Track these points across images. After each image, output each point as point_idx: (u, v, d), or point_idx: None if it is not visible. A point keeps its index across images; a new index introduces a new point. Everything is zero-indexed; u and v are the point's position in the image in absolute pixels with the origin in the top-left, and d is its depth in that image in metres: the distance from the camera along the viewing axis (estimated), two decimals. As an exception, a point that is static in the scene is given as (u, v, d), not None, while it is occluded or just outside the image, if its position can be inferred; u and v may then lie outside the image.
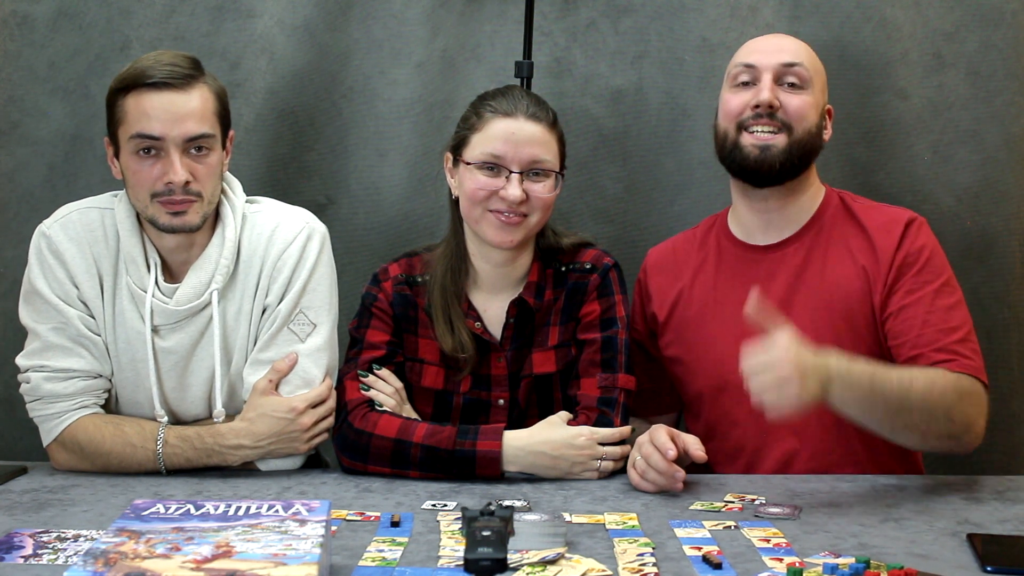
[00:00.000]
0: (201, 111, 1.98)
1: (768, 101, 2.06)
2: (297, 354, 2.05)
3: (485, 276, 2.15)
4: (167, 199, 1.97)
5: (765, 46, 2.14)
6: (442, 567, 1.52)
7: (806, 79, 2.09)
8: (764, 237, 2.14)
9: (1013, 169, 2.46)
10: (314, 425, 2.04)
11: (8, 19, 2.50)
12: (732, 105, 2.11)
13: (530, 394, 2.12)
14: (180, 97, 1.96)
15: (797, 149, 2.07)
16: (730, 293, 2.11)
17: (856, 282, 2.05)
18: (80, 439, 2.02)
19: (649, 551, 1.59)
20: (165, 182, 1.96)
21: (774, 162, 2.06)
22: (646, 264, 2.28)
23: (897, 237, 2.05)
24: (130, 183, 2.00)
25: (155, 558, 1.38)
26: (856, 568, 1.48)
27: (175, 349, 2.06)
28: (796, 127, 2.07)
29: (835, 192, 2.17)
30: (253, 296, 2.07)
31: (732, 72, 2.14)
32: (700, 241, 2.23)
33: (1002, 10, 2.44)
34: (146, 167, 1.96)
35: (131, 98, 1.96)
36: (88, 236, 2.06)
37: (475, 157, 2.06)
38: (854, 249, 2.07)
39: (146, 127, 1.94)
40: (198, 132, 1.97)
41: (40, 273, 2.05)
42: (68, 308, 2.03)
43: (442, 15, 2.53)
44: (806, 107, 2.08)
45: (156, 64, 1.97)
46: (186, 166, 1.96)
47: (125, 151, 1.98)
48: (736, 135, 2.09)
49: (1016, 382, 2.48)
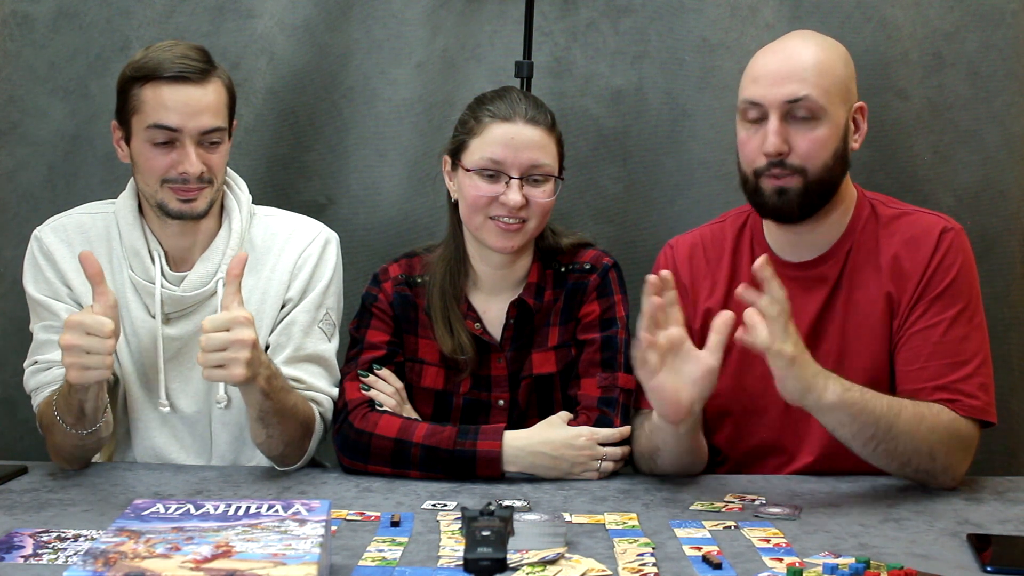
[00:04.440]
0: (216, 105, 2.03)
1: (775, 151, 1.94)
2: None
3: (485, 277, 2.15)
4: (179, 186, 2.02)
5: (771, 71, 1.98)
6: (442, 567, 1.52)
7: (817, 108, 1.94)
8: (795, 255, 2.06)
9: (1013, 169, 2.46)
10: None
11: (8, 19, 2.50)
12: (747, 150, 2.00)
13: (530, 395, 2.12)
14: (197, 91, 2.00)
15: (816, 187, 1.97)
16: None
17: (881, 309, 2.00)
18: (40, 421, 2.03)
19: (649, 551, 1.59)
20: (180, 172, 2.01)
21: (792, 207, 1.98)
22: (676, 257, 2.16)
23: (926, 255, 1.98)
24: (141, 168, 2.04)
25: (155, 558, 1.38)
26: (856, 568, 1.48)
27: (181, 336, 2.08)
28: (810, 168, 1.96)
29: (866, 199, 2.07)
30: (268, 289, 2.10)
31: (740, 105, 2.01)
32: (732, 246, 2.13)
33: (1002, 10, 2.44)
34: (160, 155, 2.01)
35: (149, 88, 1.99)
36: (80, 238, 2.10)
37: (474, 163, 2.05)
38: (883, 269, 2.00)
39: (163, 119, 1.99)
40: (213, 125, 2.02)
41: (30, 276, 2.09)
42: (56, 303, 2.06)
43: (442, 15, 2.53)
44: (819, 143, 1.95)
45: (172, 56, 2.01)
46: (200, 157, 2.01)
47: (138, 138, 2.02)
48: (755, 180, 2.00)
49: (1016, 382, 2.48)
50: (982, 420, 1.93)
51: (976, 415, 1.92)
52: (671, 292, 1.83)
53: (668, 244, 2.19)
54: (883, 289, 2.00)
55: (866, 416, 1.82)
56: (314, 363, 2.10)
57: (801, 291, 2.04)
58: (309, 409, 2.05)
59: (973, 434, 1.92)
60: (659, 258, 2.19)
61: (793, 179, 1.96)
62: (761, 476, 2.03)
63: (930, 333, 1.96)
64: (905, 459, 1.87)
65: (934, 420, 1.87)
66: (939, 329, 1.95)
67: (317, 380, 2.09)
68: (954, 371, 1.93)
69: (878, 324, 2.00)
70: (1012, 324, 2.47)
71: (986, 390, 1.94)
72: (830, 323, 2.03)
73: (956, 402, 1.91)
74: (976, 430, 1.93)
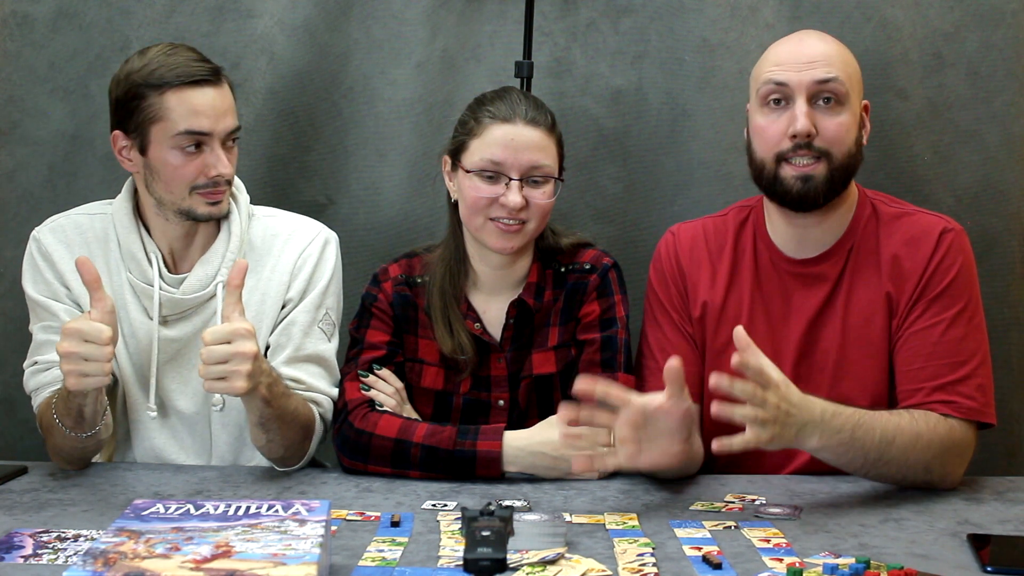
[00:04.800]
0: (233, 105, 2.06)
1: (806, 131, 1.94)
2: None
3: (484, 278, 2.15)
4: (209, 191, 2.02)
5: (795, 56, 1.98)
6: (442, 567, 1.52)
7: (843, 94, 1.96)
8: (797, 251, 2.06)
9: (1013, 169, 2.46)
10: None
11: (8, 19, 2.50)
12: (769, 134, 1.98)
13: (530, 395, 2.12)
14: (220, 93, 2.02)
15: (839, 174, 1.97)
16: (768, 305, 2.06)
17: (880, 309, 2.00)
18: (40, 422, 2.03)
19: (649, 551, 1.59)
20: (212, 176, 2.01)
21: (817, 194, 1.97)
22: (677, 244, 2.14)
23: (926, 255, 1.98)
24: (166, 177, 2.02)
25: (155, 558, 1.38)
26: (856, 568, 1.48)
27: (180, 337, 2.08)
28: (835, 152, 1.96)
29: (867, 198, 2.07)
30: (268, 290, 2.10)
31: (761, 89, 1.99)
32: (734, 240, 2.12)
33: (1002, 10, 2.44)
34: (189, 162, 2.00)
35: (172, 96, 1.97)
36: (79, 238, 2.10)
37: (474, 164, 2.05)
38: (883, 269, 2.00)
39: (195, 124, 1.98)
40: (236, 125, 2.05)
41: (29, 277, 2.09)
42: (55, 303, 2.06)
43: (442, 15, 2.53)
44: (844, 128, 1.96)
45: (183, 61, 2.00)
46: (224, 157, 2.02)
47: (162, 147, 2.00)
48: (775, 166, 1.98)
49: (1016, 382, 2.48)
50: (980, 422, 1.93)
51: (973, 417, 1.92)
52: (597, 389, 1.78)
53: (670, 231, 2.19)
54: (883, 289, 2.00)
55: (853, 452, 1.83)
56: (314, 363, 2.09)
57: (802, 287, 2.05)
58: (309, 412, 2.04)
59: (970, 437, 1.92)
60: (660, 244, 2.18)
61: (819, 165, 1.96)
62: (761, 476, 2.03)
63: (929, 333, 1.96)
64: (900, 477, 1.88)
65: (930, 436, 1.87)
66: (938, 330, 1.96)
67: (317, 381, 2.09)
68: (952, 372, 1.93)
69: (877, 324, 2.00)
70: (1012, 324, 2.46)
71: (984, 391, 1.94)
72: (829, 321, 2.03)
73: (953, 404, 1.91)
74: (973, 432, 1.93)
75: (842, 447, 1.82)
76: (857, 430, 1.81)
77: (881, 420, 1.84)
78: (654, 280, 2.16)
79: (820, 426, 1.78)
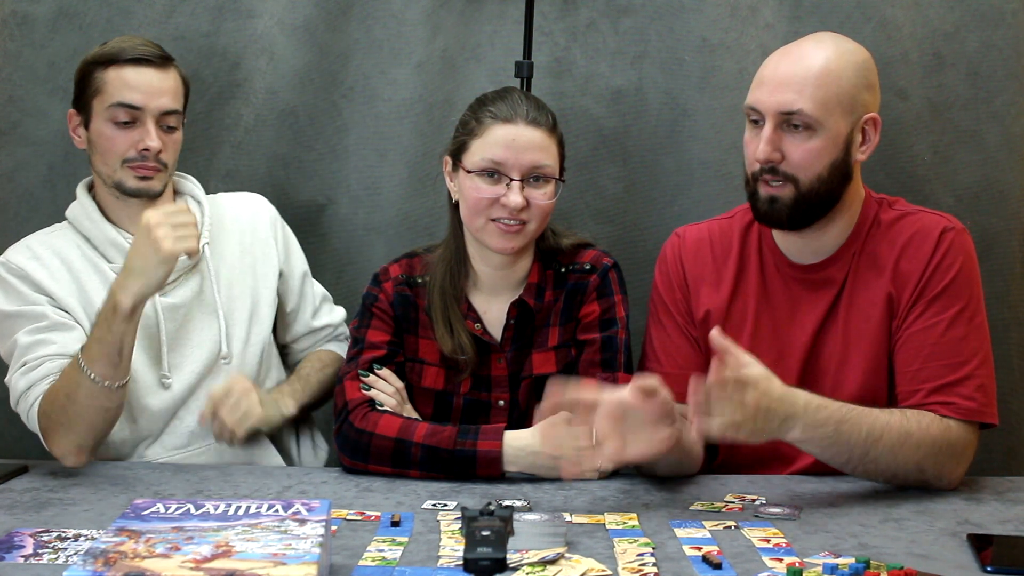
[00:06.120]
0: (175, 90, 2.15)
1: (765, 158, 1.94)
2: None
3: (485, 278, 2.15)
4: (138, 164, 2.11)
5: (772, 77, 1.96)
6: (442, 567, 1.52)
7: (812, 122, 1.91)
8: (801, 257, 2.06)
9: (1013, 169, 2.46)
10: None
11: (8, 19, 2.49)
12: (748, 152, 1.99)
13: (530, 395, 2.12)
14: (158, 74, 2.13)
15: (809, 197, 1.95)
16: (774, 310, 2.06)
17: (882, 311, 1.99)
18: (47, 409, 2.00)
19: (649, 551, 1.59)
20: (140, 149, 2.10)
21: (782, 216, 1.97)
22: (683, 247, 2.14)
23: (926, 254, 1.97)
24: (101, 149, 2.13)
25: (155, 558, 1.38)
26: (856, 568, 1.48)
27: (182, 303, 2.15)
28: (802, 177, 1.94)
29: (874, 201, 2.06)
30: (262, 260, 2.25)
31: (745, 108, 1.99)
32: (740, 245, 2.11)
33: (1002, 10, 2.44)
34: (121, 134, 2.11)
35: (112, 71, 2.11)
36: (47, 251, 2.15)
37: (475, 164, 2.05)
38: (885, 271, 1.99)
39: (127, 97, 2.09)
40: (172, 107, 2.14)
41: (2, 295, 2.09)
42: (37, 306, 2.07)
43: (442, 15, 2.53)
44: (812, 154, 1.93)
45: (133, 44, 2.14)
46: (159, 137, 2.11)
47: (99, 119, 2.12)
48: (754, 184, 1.99)
49: (1016, 382, 2.48)
50: (980, 422, 1.93)
51: (972, 417, 1.91)
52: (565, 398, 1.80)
53: (675, 233, 2.18)
54: (884, 290, 2.00)
55: (838, 447, 1.83)
56: (327, 301, 2.35)
57: (807, 293, 2.04)
58: (331, 369, 2.26)
59: (969, 438, 1.91)
60: (666, 246, 2.18)
61: (785, 188, 1.95)
62: (761, 476, 2.03)
63: (928, 333, 1.95)
64: (889, 475, 1.88)
65: (921, 436, 1.86)
66: (937, 329, 1.95)
67: (336, 316, 2.35)
68: (952, 372, 1.92)
69: (878, 325, 2.00)
70: (1012, 324, 2.47)
71: (984, 391, 1.94)
72: (834, 326, 2.03)
73: (952, 404, 1.90)
74: (973, 432, 1.92)
75: (826, 440, 1.82)
76: (842, 425, 1.81)
77: (869, 417, 1.84)
78: (659, 282, 2.16)
79: (803, 419, 1.79)
